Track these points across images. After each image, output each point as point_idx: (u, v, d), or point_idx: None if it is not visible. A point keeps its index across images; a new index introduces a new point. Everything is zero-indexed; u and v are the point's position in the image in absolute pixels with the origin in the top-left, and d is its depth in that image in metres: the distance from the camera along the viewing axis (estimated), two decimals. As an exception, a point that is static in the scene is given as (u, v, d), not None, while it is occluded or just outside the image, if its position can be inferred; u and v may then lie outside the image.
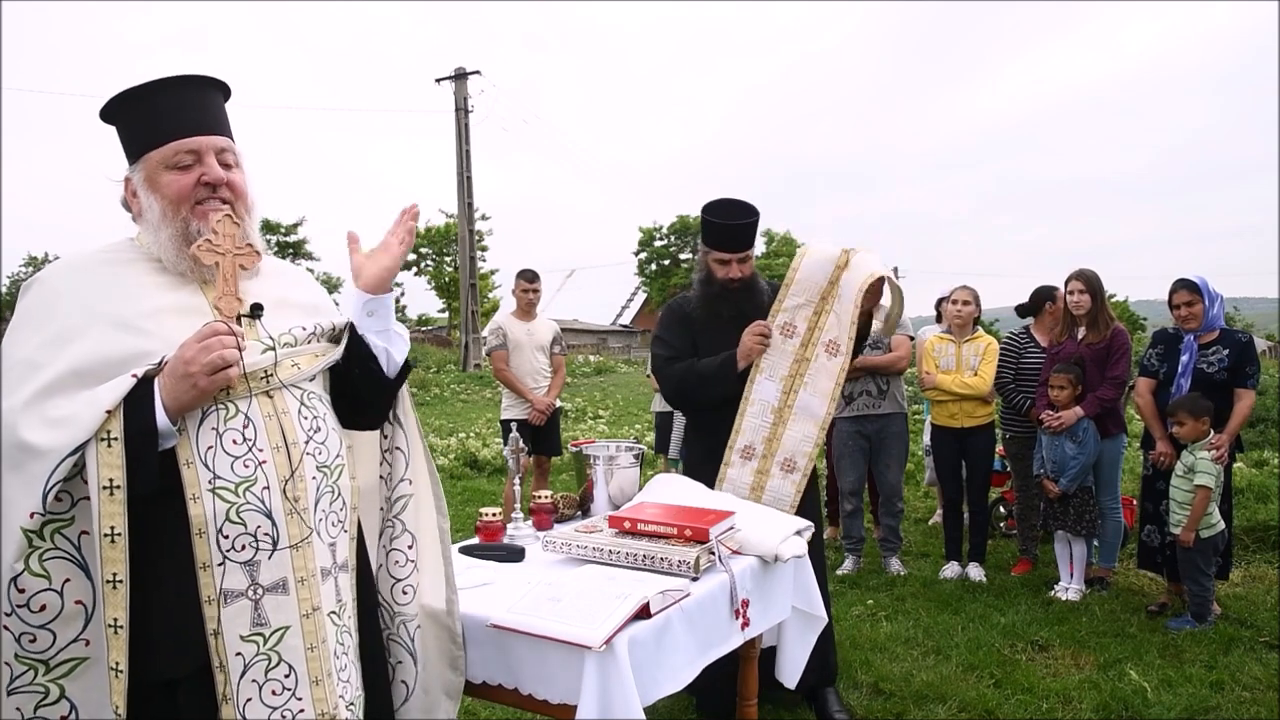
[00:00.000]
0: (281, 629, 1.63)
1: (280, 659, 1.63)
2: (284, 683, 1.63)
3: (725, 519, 2.43)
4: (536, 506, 2.80)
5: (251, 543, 1.61)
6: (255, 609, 1.61)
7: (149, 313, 1.65)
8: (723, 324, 3.29)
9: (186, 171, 1.71)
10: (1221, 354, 4.50)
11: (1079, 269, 5.07)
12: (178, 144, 1.70)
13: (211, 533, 1.58)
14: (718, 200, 3.34)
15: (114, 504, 1.51)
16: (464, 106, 26.32)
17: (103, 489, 1.50)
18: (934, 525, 6.48)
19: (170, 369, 1.56)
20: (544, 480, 6.44)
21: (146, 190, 1.72)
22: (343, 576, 1.79)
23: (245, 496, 1.61)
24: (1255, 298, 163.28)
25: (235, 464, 1.61)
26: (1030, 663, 4.01)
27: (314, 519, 1.70)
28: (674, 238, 44.19)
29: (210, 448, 1.60)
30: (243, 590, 1.60)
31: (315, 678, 1.66)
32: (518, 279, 6.43)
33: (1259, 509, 6.18)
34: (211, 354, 1.55)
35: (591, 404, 16.88)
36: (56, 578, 1.53)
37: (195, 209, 1.71)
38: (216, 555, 1.58)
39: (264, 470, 1.63)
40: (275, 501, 1.64)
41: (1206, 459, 4.29)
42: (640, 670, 1.89)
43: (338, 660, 1.72)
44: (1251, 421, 8.68)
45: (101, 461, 1.50)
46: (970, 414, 5.38)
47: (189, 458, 1.59)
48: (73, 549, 1.55)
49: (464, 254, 26.95)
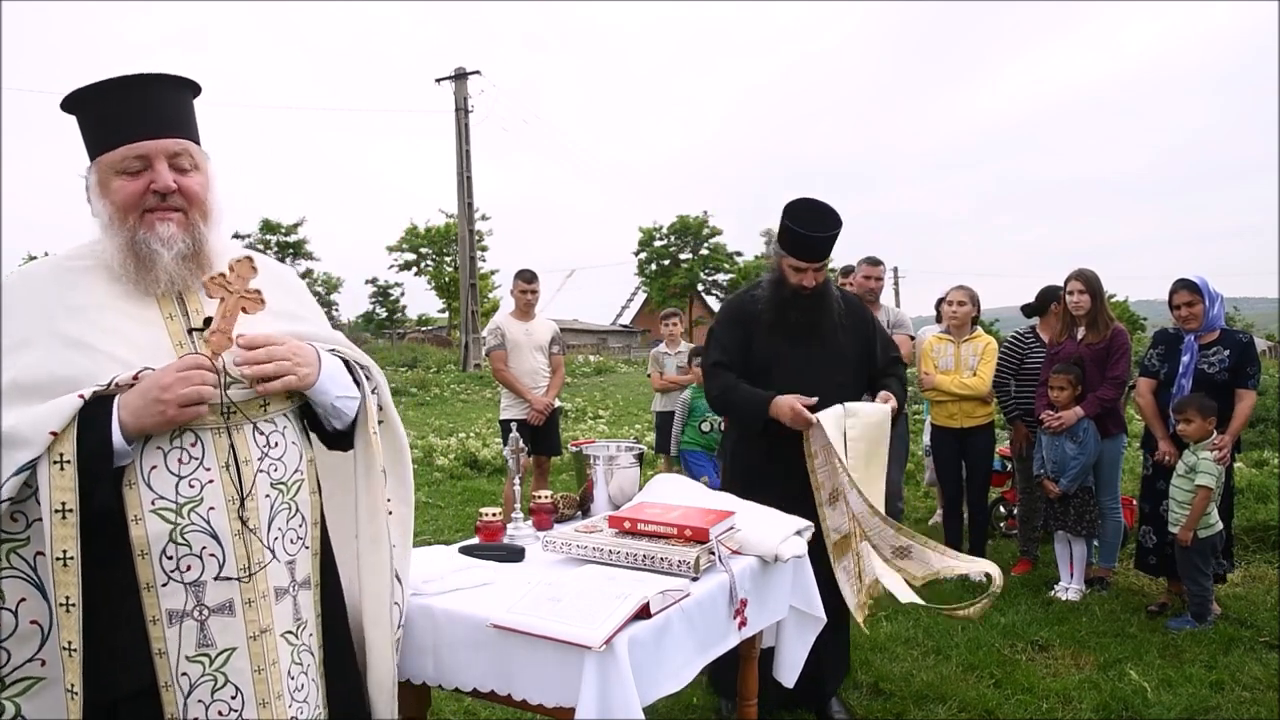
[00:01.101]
0: (228, 650, 1.60)
1: (227, 680, 1.60)
2: (230, 704, 1.60)
3: (725, 519, 2.43)
4: (536, 506, 2.80)
5: (197, 564, 1.58)
6: (201, 629, 1.58)
7: (98, 327, 1.60)
8: (787, 330, 3.26)
9: (135, 178, 1.65)
10: (1222, 354, 4.50)
11: (1078, 269, 5.07)
12: (127, 149, 1.64)
13: (155, 554, 1.55)
14: (801, 203, 3.24)
15: (66, 527, 1.48)
16: (464, 106, 26.32)
17: (55, 512, 1.48)
18: (934, 525, 6.48)
19: (142, 390, 1.53)
20: (544, 480, 6.44)
21: (98, 194, 1.67)
22: (303, 594, 1.74)
23: (189, 518, 1.57)
24: (1255, 298, 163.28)
25: (180, 484, 1.58)
26: (1030, 663, 4.01)
27: (268, 538, 1.66)
28: (674, 238, 44.21)
29: (154, 467, 1.57)
30: (188, 611, 1.57)
31: (262, 699, 1.63)
32: (516, 279, 6.43)
33: (1259, 509, 6.18)
34: (189, 386, 1.53)
35: (591, 404, 16.87)
36: (11, 597, 1.52)
37: (143, 218, 1.65)
38: (160, 576, 1.56)
39: (209, 490, 1.60)
40: (221, 522, 1.60)
41: (1209, 459, 4.29)
42: (640, 670, 1.88)
43: (291, 681, 1.68)
44: (1251, 421, 8.67)
45: (54, 485, 1.48)
46: (969, 414, 5.38)
47: (131, 478, 1.56)
48: (29, 569, 1.54)
49: (464, 254, 26.95)
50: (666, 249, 44.29)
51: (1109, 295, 5.29)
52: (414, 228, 40.79)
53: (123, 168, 1.65)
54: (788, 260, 3.24)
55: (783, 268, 3.27)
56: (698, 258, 44.10)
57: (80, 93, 1.67)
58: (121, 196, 1.64)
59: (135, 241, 1.64)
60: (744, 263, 43.29)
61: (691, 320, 37.95)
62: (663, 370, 7.12)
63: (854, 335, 3.40)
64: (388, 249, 41.20)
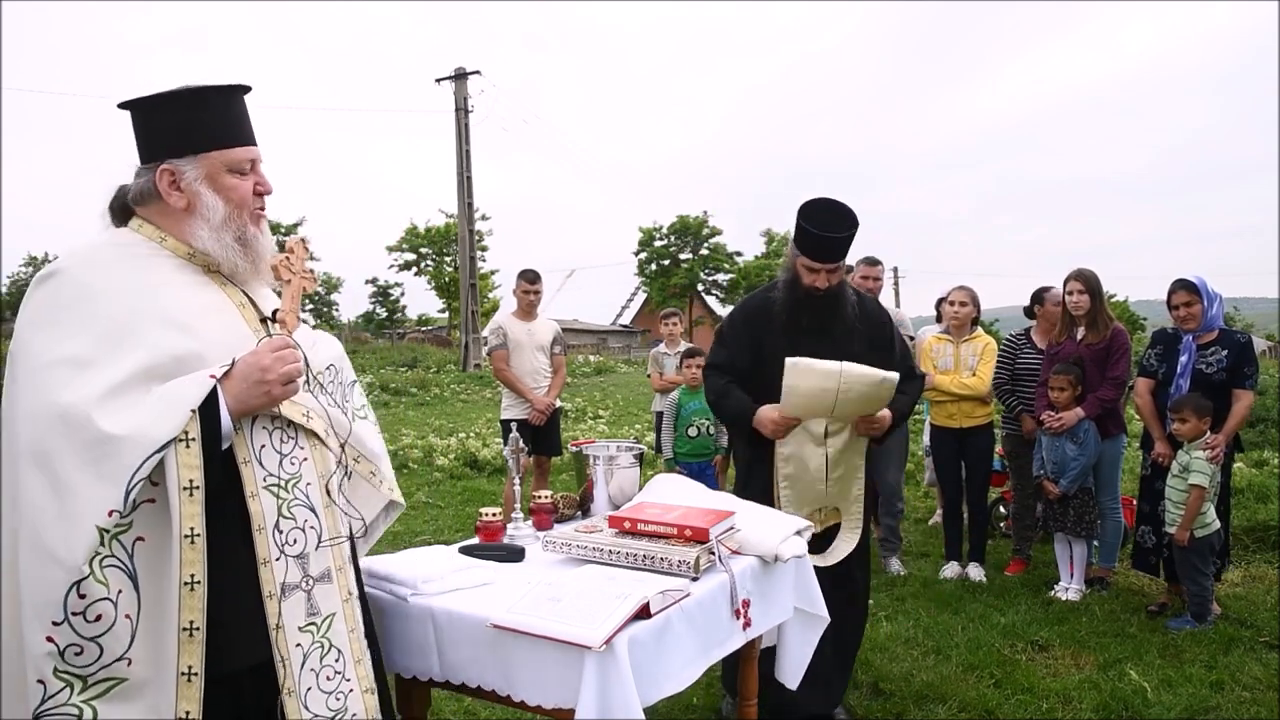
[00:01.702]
0: (330, 615, 1.73)
1: (331, 644, 1.72)
2: (335, 666, 1.72)
3: (725, 519, 2.43)
4: (536, 506, 2.80)
5: (301, 537, 1.69)
6: (309, 600, 1.70)
7: (188, 311, 1.68)
8: (800, 332, 3.22)
9: (245, 178, 1.78)
10: (1220, 354, 4.50)
11: (1078, 269, 5.08)
12: (245, 150, 1.78)
13: (269, 529, 1.64)
14: (816, 202, 3.19)
15: (194, 505, 1.53)
16: (464, 106, 26.32)
17: (183, 490, 1.51)
18: (934, 525, 6.48)
19: (243, 374, 1.60)
20: (544, 480, 6.44)
21: (208, 188, 1.74)
22: (349, 568, 1.86)
23: (294, 493, 1.69)
24: (1255, 298, 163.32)
25: (283, 461, 1.69)
26: (1030, 663, 4.01)
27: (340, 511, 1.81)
28: (674, 238, 44.22)
29: (264, 446, 1.67)
30: (297, 583, 1.68)
31: (357, 657, 1.77)
32: (519, 279, 6.43)
33: (1259, 509, 6.19)
34: (287, 365, 1.64)
35: (591, 404, 16.87)
36: (112, 587, 1.48)
37: (253, 215, 1.80)
38: (275, 550, 1.65)
39: (306, 467, 1.73)
40: (316, 496, 1.73)
41: (1201, 458, 4.30)
42: (640, 671, 1.88)
43: (363, 641, 1.83)
44: (1251, 421, 8.68)
45: (181, 463, 1.52)
46: (969, 414, 5.38)
47: (246, 456, 1.64)
48: (126, 558, 1.50)
49: (464, 254, 26.95)
50: (666, 249, 44.30)
51: (1109, 295, 5.30)
52: (414, 228, 40.81)
53: (237, 167, 1.77)
54: (802, 260, 3.20)
55: (797, 268, 3.24)
56: (698, 258, 44.12)
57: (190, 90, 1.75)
58: (239, 194, 1.77)
59: (247, 235, 1.77)
60: (744, 263, 43.30)
61: (691, 320, 37.97)
62: (663, 370, 7.11)
63: (869, 341, 3.34)
64: (388, 249, 41.26)
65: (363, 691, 1.76)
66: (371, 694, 1.78)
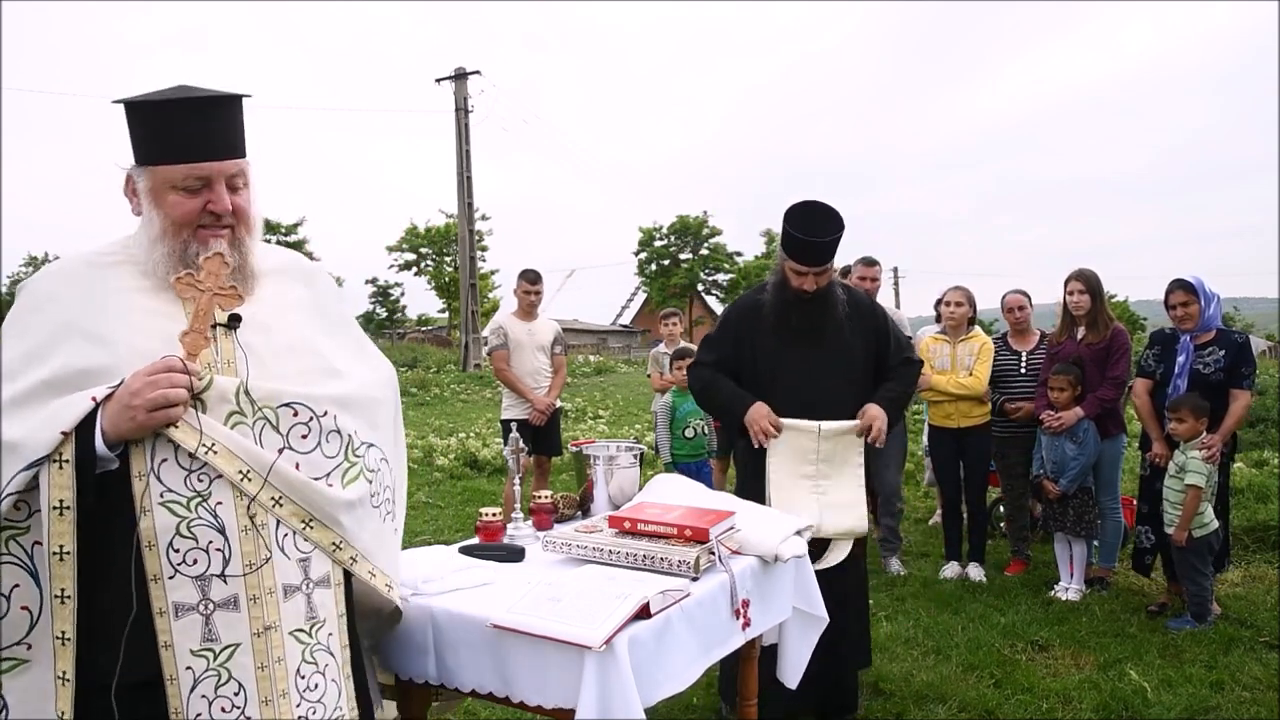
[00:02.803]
0: (232, 646, 1.60)
1: (230, 675, 1.60)
2: (233, 700, 1.60)
3: (725, 519, 2.43)
4: (536, 506, 2.80)
5: (203, 558, 1.58)
6: (206, 624, 1.59)
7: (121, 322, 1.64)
8: (789, 333, 3.25)
9: (193, 195, 1.69)
10: (1218, 355, 4.50)
11: (1078, 269, 5.08)
12: (190, 168, 1.68)
13: (162, 546, 1.56)
14: (801, 206, 3.21)
15: (63, 523, 1.51)
16: (464, 106, 26.31)
17: (53, 509, 1.51)
18: (934, 525, 6.48)
19: (117, 396, 1.55)
20: (544, 480, 6.44)
21: (150, 202, 1.70)
22: (321, 592, 1.72)
23: (197, 511, 1.58)
24: (1255, 298, 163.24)
25: (189, 478, 1.59)
26: (1030, 663, 4.01)
27: (277, 534, 1.65)
28: (674, 238, 44.21)
29: (164, 460, 1.58)
30: (193, 605, 1.58)
31: (265, 697, 1.62)
32: (520, 279, 6.43)
33: (1259, 509, 6.19)
34: (156, 390, 1.53)
35: (591, 404, 16.88)
36: (6, 583, 1.56)
37: (197, 232, 1.70)
38: (167, 568, 1.56)
39: (218, 485, 1.60)
40: (229, 516, 1.60)
41: (1197, 458, 4.30)
42: (640, 670, 1.88)
43: (301, 680, 1.67)
44: (1251, 421, 8.68)
45: (53, 483, 1.51)
46: (967, 414, 5.38)
47: (141, 470, 1.57)
48: (25, 557, 1.57)
49: (464, 254, 26.95)
50: (666, 249, 44.29)
51: (1109, 295, 5.32)
52: (414, 228, 40.80)
53: (183, 185, 1.68)
54: (789, 264, 3.23)
55: (785, 271, 3.26)
56: (698, 258, 44.11)
57: (143, 103, 1.68)
58: (179, 213, 1.69)
59: (188, 255, 1.68)
60: (744, 263, 43.28)
61: (691, 320, 37.95)
62: (663, 370, 7.11)
63: (862, 337, 3.38)
64: (388, 249, 41.25)
65: None
66: None
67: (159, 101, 1.68)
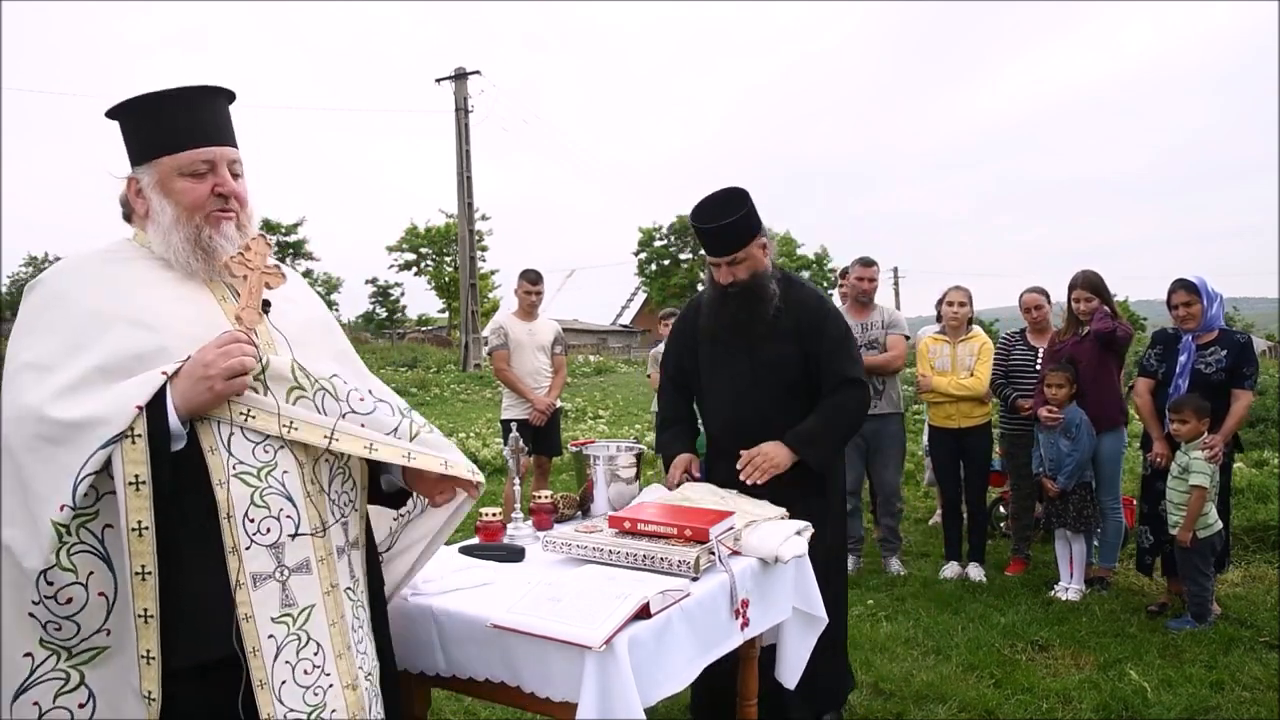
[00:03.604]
0: (308, 607, 1.68)
1: (309, 637, 1.68)
2: (313, 660, 1.68)
3: (725, 519, 2.43)
4: (536, 506, 2.80)
5: (276, 525, 1.66)
6: (283, 590, 1.66)
7: (158, 308, 1.69)
8: (720, 329, 3.14)
9: (200, 180, 1.76)
10: (1220, 354, 4.50)
11: (1080, 274, 5.08)
12: (195, 153, 1.75)
13: (238, 517, 1.62)
14: (704, 199, 3.07)
15: (140, 499, 1.54)
16: (464, 106, 26.31)
17: (128, 484, 1.54)
18: (934, 525, 6.49)
19: (187, 371, 1.60)
20: (544, 480, 6.44)
21: (159, 194, 1.75)
22: (354, 554, 1.84)
23: (267, 481, 1.65)
24: (1255, 298, 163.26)
25: (256, 449, 1.66)
26: (1030, 663, 4.01)
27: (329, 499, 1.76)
28: (674, 238, 44.22)
29: (232, 434, 1.64)
30: (270, 572, 1.64)
31: (339, 651, 1.72)
32: (521, 279, 6.43)
33: (1259, 509, 6.18)
34: (231, 359, 1.59)
35: (591, 404, 16.87)
36: (82, 571, 1.56)
37: (209, 217, 1.76)
38: (244, 539, 1.62)
39: (282, 455, 1.68)
40: (295, 484, 1.69)
41: (1200, 459, 4.30)
42: (640, 670, 1.89)
43: (354, 634, 1.78)
44: (1251, 421, 8.68)
45: (127, 458, 1.54)
46: (967, 414, 5.38)
47: (212, 444, 1.63)
48: (97, 542, 1.58)
49: (464, 254, 26.95)
50: (666, 249, 44.32)
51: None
52: (414, 228, 40.80)
53: (189, 170, 1.75)
54: (707, 258, 3.14)
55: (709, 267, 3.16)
56: (698, 258, 44.09)
57: (146, 97, 1.76)
58: (190, 198, 1.75)
59: (201, 238, 1.75)
60: (744, 263, 43.28)
61: (691, 320, 37.87)
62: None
63: (799, 343, 3.08)
64: (388, 249, 41.25)
65: (344, 687, 1.71)
66: (354, 689, 1.73)
67: (158, 94, 1.75)
